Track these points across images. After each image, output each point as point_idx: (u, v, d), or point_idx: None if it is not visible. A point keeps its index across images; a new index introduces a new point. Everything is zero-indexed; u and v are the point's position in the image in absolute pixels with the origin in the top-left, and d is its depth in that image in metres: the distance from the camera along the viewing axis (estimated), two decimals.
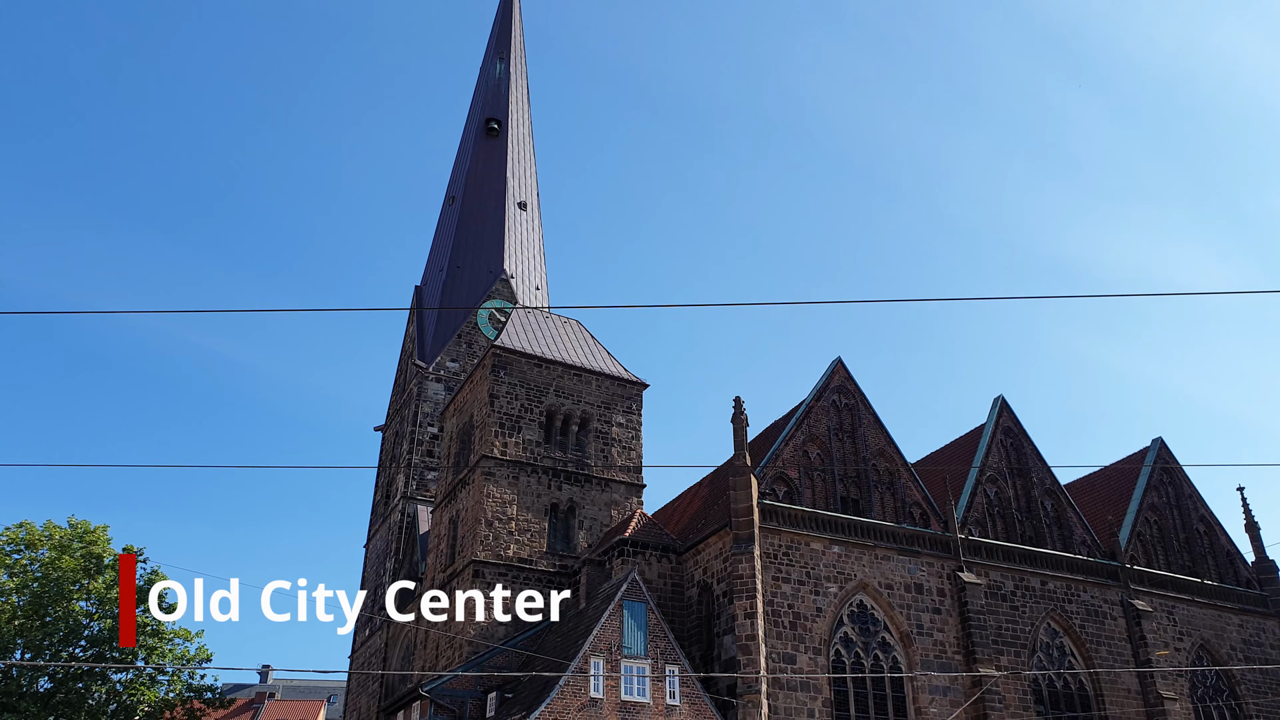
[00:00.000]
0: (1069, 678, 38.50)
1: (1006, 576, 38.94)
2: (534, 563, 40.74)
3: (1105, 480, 48.88)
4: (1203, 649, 42.28)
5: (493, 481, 41.31)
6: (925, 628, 36.11)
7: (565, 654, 31.24)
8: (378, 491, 61.79)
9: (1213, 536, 46.54)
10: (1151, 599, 41.64)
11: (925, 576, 37.14)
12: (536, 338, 47.14)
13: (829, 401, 39.96)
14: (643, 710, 30.06)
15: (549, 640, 36.23)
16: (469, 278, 62.39)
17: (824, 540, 35.84)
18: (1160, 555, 44.37)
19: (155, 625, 40.36)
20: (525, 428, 43.20)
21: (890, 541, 37.17)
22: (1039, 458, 43.47)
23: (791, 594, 34.26)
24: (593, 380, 46.02)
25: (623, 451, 45.16)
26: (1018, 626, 38.01)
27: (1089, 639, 39.22)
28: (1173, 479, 47.25)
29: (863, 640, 35.32)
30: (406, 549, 52.64)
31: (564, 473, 43.20)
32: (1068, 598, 39.84)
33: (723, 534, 35.20)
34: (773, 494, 36.29)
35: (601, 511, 43.33)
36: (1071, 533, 42.08)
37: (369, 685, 51.74)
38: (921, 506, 39.01)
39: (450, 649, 39.78)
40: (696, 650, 35.00)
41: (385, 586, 53.64)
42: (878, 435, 39.94)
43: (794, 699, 32.42)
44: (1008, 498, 41.87)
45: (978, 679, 35.06)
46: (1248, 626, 44.00)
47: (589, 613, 33.45)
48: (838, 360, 40.94)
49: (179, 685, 41.29)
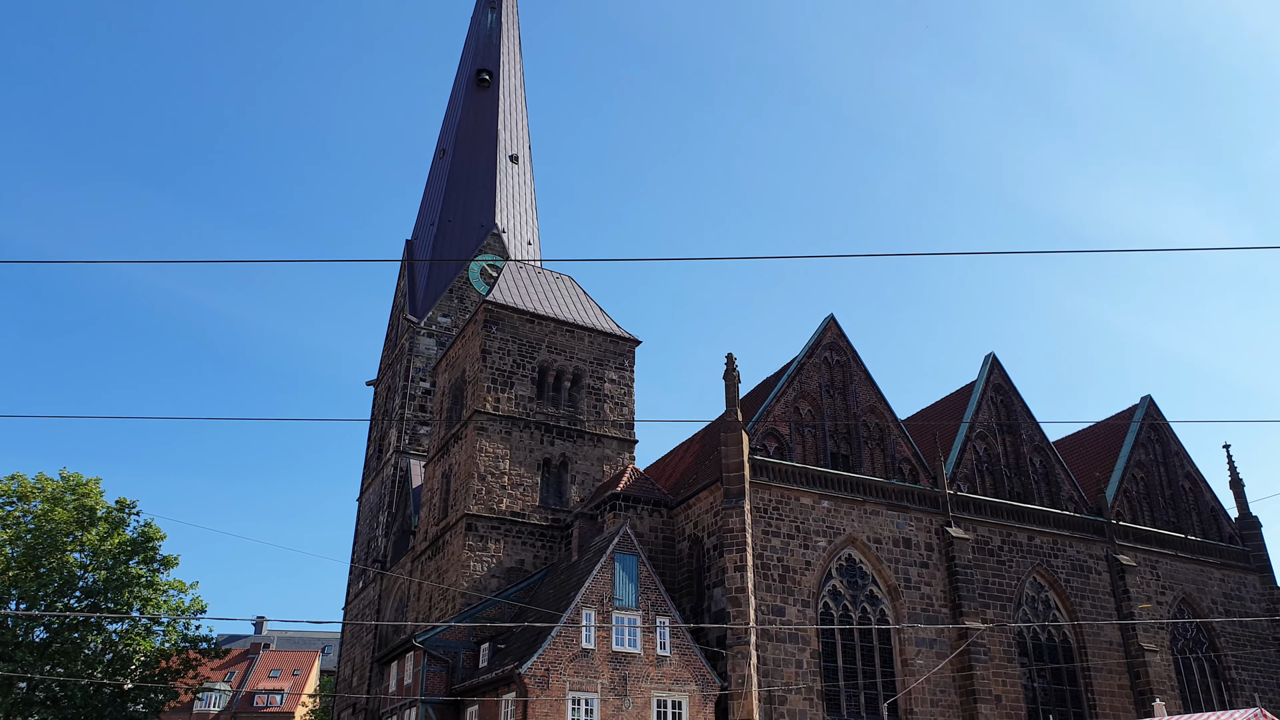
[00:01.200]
0: (1053, 630, 39.17)
1: (994, 532, 39.43)
2: (526, 516, 41.04)
3: (1093, 437, 49.32)
4: (1184, 603, 43.02)
5: (485, 436, 41.43)
6: (913, 581, 36.61)
7: (557, 605, 31.61)
8: (370, 446, 61.96)
9: (1198, 493, 47.11)
10: (1136, 554, 42.24)
11: (913, 531, 37.57)
12: (529, 293, 46.99)
13: (821, 358, 40.06)
14: (633, 660, 30.51)
15: (541, 592, 36.64)
16: (460, 232, 61.97)
17: (814, 495, 36.17)
18: (1146, 511, 44.93)
19: (150, 577, 40.70)
20: (518, 383, 43.24)
21: (879, 497, 37.54)
22: (1028, 414, 43.78)
23: (781, 548, 34.65)
24: (585, 336, 45.98)
25: (615, 407, 45.28)
26: (1004, 581, 38.56)
27: (1073, 593, 39.84)
28: (1160, 436, 47.70)
29: (851, 593, 35.81)
30: (399, 503, 52.94)
31: (556, 428, 43.34)
32: (1054, 553, 40.39)
33: (714, 489, 35.50)
34: (764, 450, 36.54)
35: (594, 467, 43.57)
36: (1059, 489, 42.54)
37: (363, 636, 52.33)
38: (911, 462, 39.33)
39: (443, 601, 40.21)
40: (687, 602, 35.46)
41: (378, 539, 54.05)
42: (868, 392, 40.13)
43: (782, 650, 32.94)
44: (996, 454, 42.24)
45: (963, 631, 35.65)
46: (1229, 581, 44.73)
47: (581, 565, 33.80)
48: (830, 317, 40.98)
49: (174, 635, 41.75)
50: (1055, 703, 37.22)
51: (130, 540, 40.94)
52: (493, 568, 39.45)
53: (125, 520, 41.47)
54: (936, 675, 35.01)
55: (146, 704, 40.81)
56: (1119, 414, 49.13)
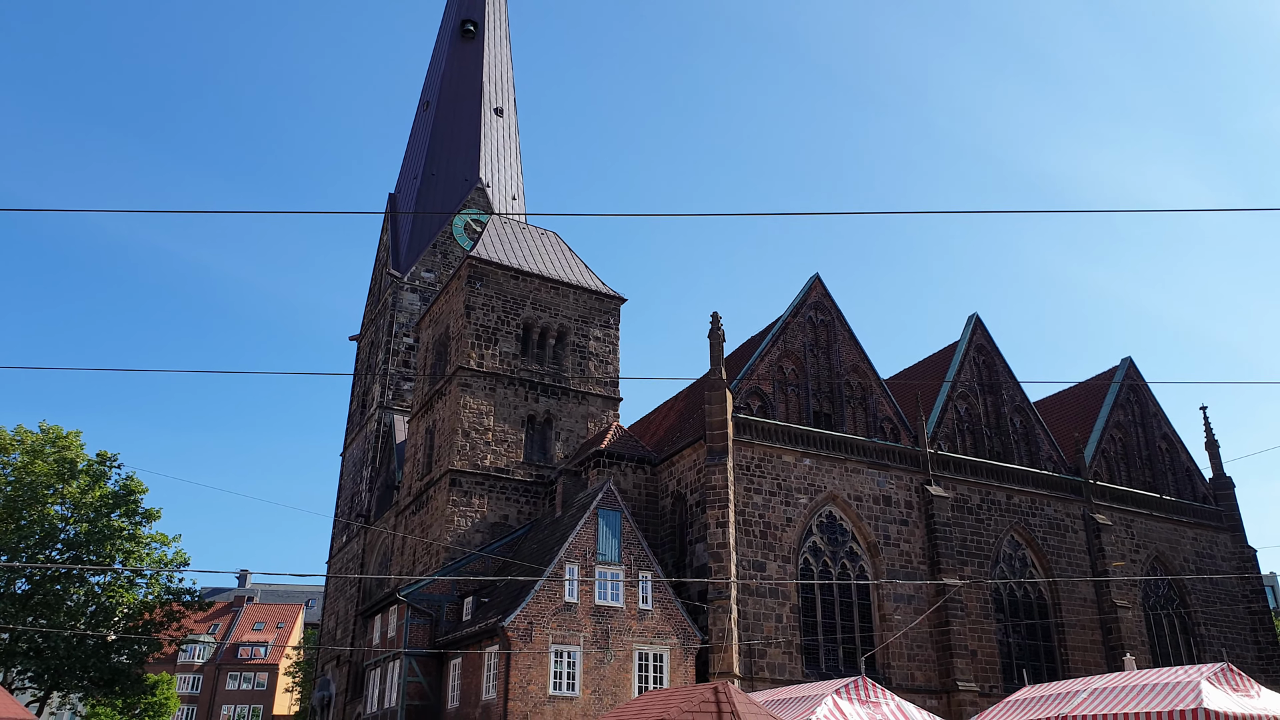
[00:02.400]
0: (1029, 587, 39.83)
1: (973, 490, 39.89)
2: (511, 473, 41.14)
3: (1074, 398, 49.78)
4: (1157, 561, 43.80)
5: (469, 393, 41.36)
6: (892, 538, 37.06)
7: (541, 560, 31.82)
8: (354, 401, 61.79)
9: (1174, 453, 47.75)
10: (1112, 513, 42.90)
11: (894, 489, 37.96)
12: (513, 249, 46.65)
13: (805, 317, 40.11)
14: (616, 614, 30.83)
15: (525, 547, 36.87)
16: (444, 186, 61.28)
17: (796, 453, 36.43)
18: (1123, 471, 45.53)
19: (132, 530, 40.66)
20: (502, 340, 43.08)
21: (861, 455, 37.85)
22: (1010, 375, 44.09)
23: (763, 504, 34.95)
24: (570, 293, 45.77)
25: (600, 365, 45.25)
26: (982, 539, 39.10)
27: (1050, 551, 40.46)
28: (1139, 397, 48.19)
29: (831, 550, 36.23)
30: (383, 458, 52.95)
31: (541, 385, 43.30)
32: (1032, 511, 40.94)
33: (697, 446, 35.69)
34: (747, 408, 36.69)
35: (578, 424, 43.63)
36: (1038, 449, 42.99)
37: (346, 590, 52.62)
38: (893, 421, 39.61)
39: (427, 555, 40.41)
40: (669, 558, 35.80)
41: (362, 494, 54.13)
42: (852, 351, 40.27)
43: (763, 605, 33.38)
44: (978, 414, 42.59)
45: (941, 587, 36.20)
46: (1201, 540, 45.53)
47: (565, 521, 34.00)
48: (815, 277, 40.98)
49: (157, 588, 41.83)
50: (1029, 657, 37.95)
51: (112, 493, 40.82)
52: (477, 523, 39.61)
53: (106, 473, 41.32)
54: (914, 630, 35.60)
55: (130, 655, 41.01)
56: (1099, 375, 49.56)
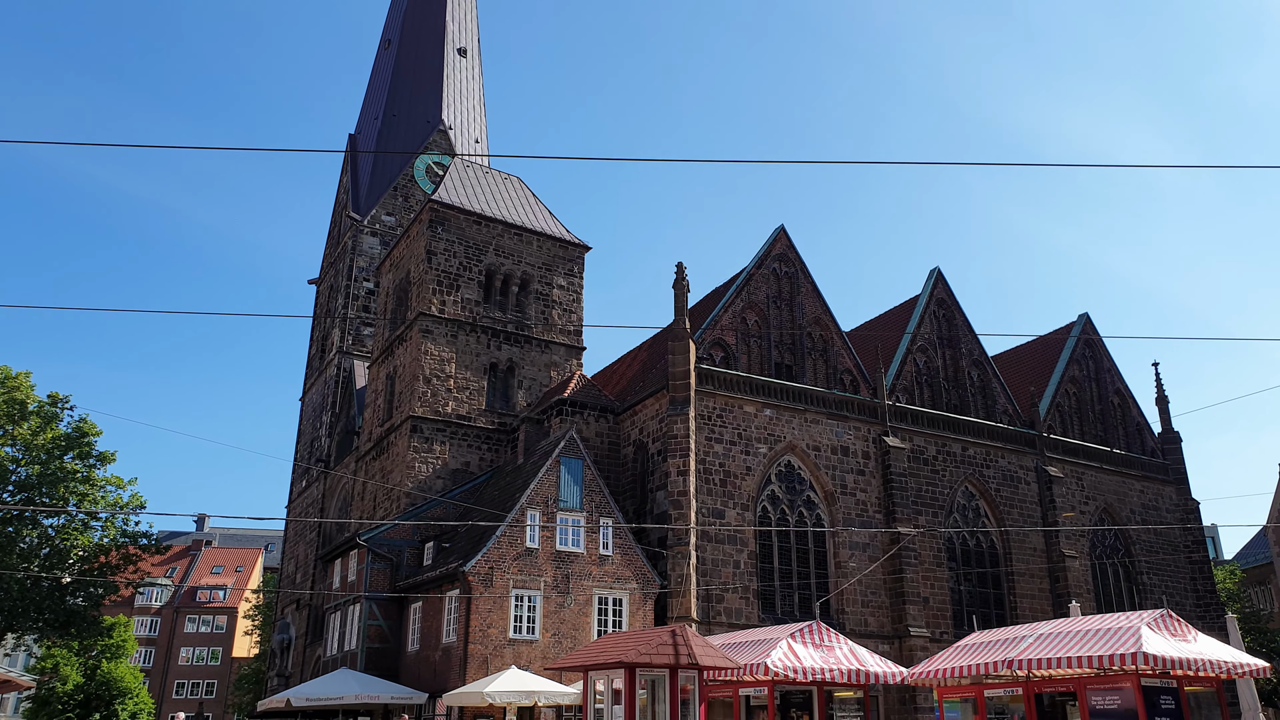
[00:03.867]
0: (981, 536, 40.79)
1: (929, 442, 40.56)
2: (472, 420, 41.05)
3: (1031, 353, 50.59)
4: (1105, 512, 45.03)
5: (431, 339, 41.03)
6: (849, 488, 37.67)
7: (502, 506, 31.94)
8: (313, 345, 61.06)
9: (1125, 408, 48.87)
10: (1064, 466, 43.91)
11: (852, 440, 38.49)
12: (476, 193, 46.00)
13: (770, 269, 40.16)
14: (576, 559, 31.13)
15: (486, 493, 36.96)
16: (405, 127, 60.08)
17: (757, 404, 36.73)
18: (1076, 425, 46.54)
19: (85, 472, 40.09)
20: (464, 286, 42.67)
21: (820, 406, 38.26)
22: (969, 329, 44.63)
23: (723, 454, 35.29)
24: (534, 240, 45.34)
25: (563, 314, 45.04)
26: (936, 489, 39.88)
27: (1003, 502, 41.40)
28: (1094, 353, 49.11)
29: (789, 498, 36.76)
30: (343, 404, 52.54)
31: (503, 333, 43.06)
32: (986, 463, 41.77)
33: (659, 396, 35.85)
34: (710, 359, 36.83)
35: (541, 372, 43.54)
36: (995, 402, 43.74)
37: (306, 534, 52.52)
38: (853, 373, 40.02)
39: (388, 501, 40.36)
40: (630, 505, 36.12)
41: (322, 440, 53.78)
42: (815, 304, 40.47)
43: (721, 551, 33.88)
44: (936, 367, 43.15)
45: (895, 536, 36.95)
46: (1148, 492, 46.85)
47: (527, 468, 34.08)
48: (780, 228, 40.96)
49: (113, 531, 41.41)
50: (980, 604, 38.98)
51: (64, 435, 40.14)
52: (438, 469, 39.58)
53: (58, 415, 40.56)
54: (868, 577, 36.38)
55: (86, 598, 40.70)
56: (1057, 330, 50.37)
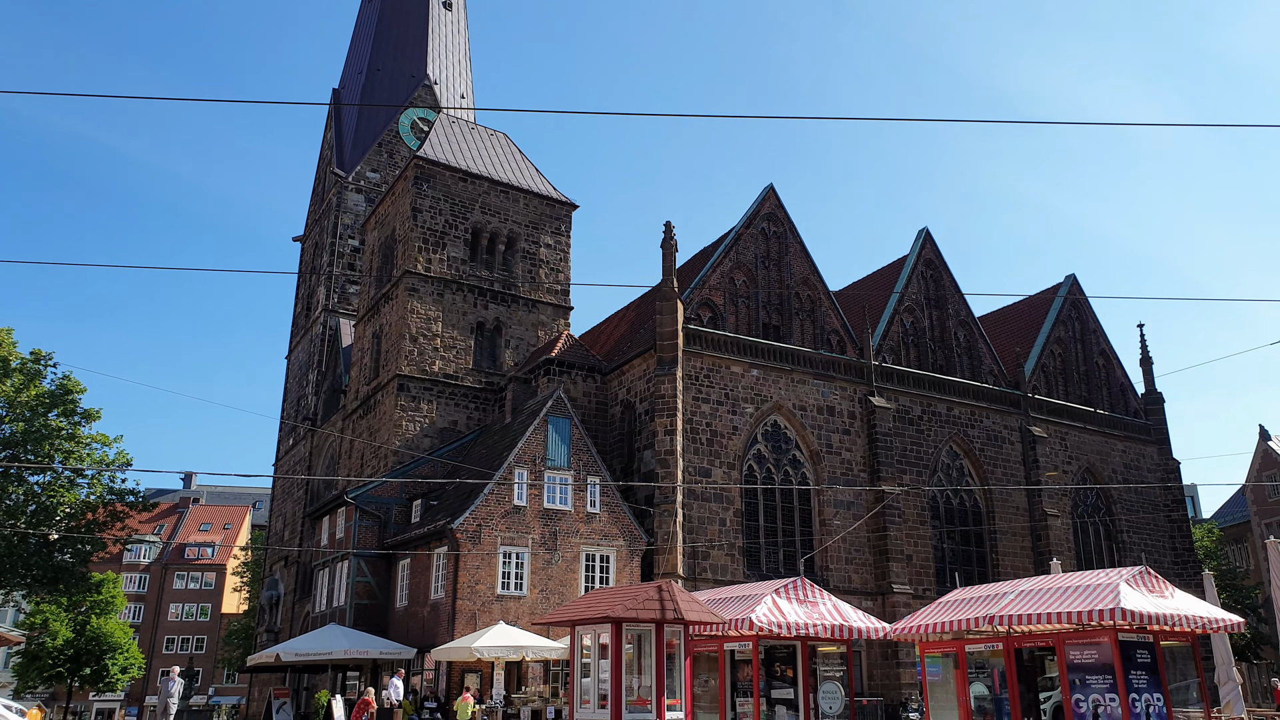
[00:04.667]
0: (964, 495, 41.23)
1: (915, 402, 40.80)
2: (459, 379, 40.99)
3: (1017, 313, 50.78)
4: (1087, 472, 45.53)
5: (417, 298, 40.81)
6: (834, 447, 37.92)
7: (490, 465, 32.02)
8: (298, 303, 60.65)
9: (1110, 369, 49.24)
10: (1047, 426, 44.29)
11: (838, 400, 38.67)
12: (461, 150, 45.50)
13: (758, 229, 40.02)
14: (564, 517, 31.33)
15: (474, 452, 37.03)
16: (389, 82, 59.16)
17: (744, 364, 36.80)
18: (1060, 385, 46.89)
19: (71, 430, 39.93)
20: (450, 244, 42.36)
21: (807, 366, 38.37)
22: (956, 290, 44.71)
23: (710, 413, 35.42)
24: (520, 198, 44.97)
25: (550, 273, 44.83)
26: (921, 449, 40.20)
27: (987, 461, 41.79)
28: (1080, 314, 49.34)
29: (774, 457, 37.00)
30: (329, 362, 52.36)
31: (490, 292, 42.85)
32: (971, 423, 42.08)
33: (647, 356, 35.86)
34: (698, 319, 36.83)
35: (528, 332, 43.43)
36: (980, 362, 43.97)
37: (294, 492, 52.59)
38: (840, 334, 40.11)
39: (375, 459, 40.40)
40: (617, 464, 36.29)
41: (308, 398, 53.66)
42: (803, 263, 40.41)
43: (707, 509, 34.15)
44: (923, 327, 43.28)
45: (879, 494, 37.30)
46: (1130, 452, 47.37)
47: (514, 427, 34.14)
48: (769, 187, 40.74)
49: (99, 488, 41.33)
50: (962, 562, 39.50)
51: (48, 393, 39.88)
52: (425, 428, 39.59)
53: (42, 372, 40.26)
54: (852, 535, 36.77)
55: (74, 554, 40.74)
56: (1044, 291, 50.53)
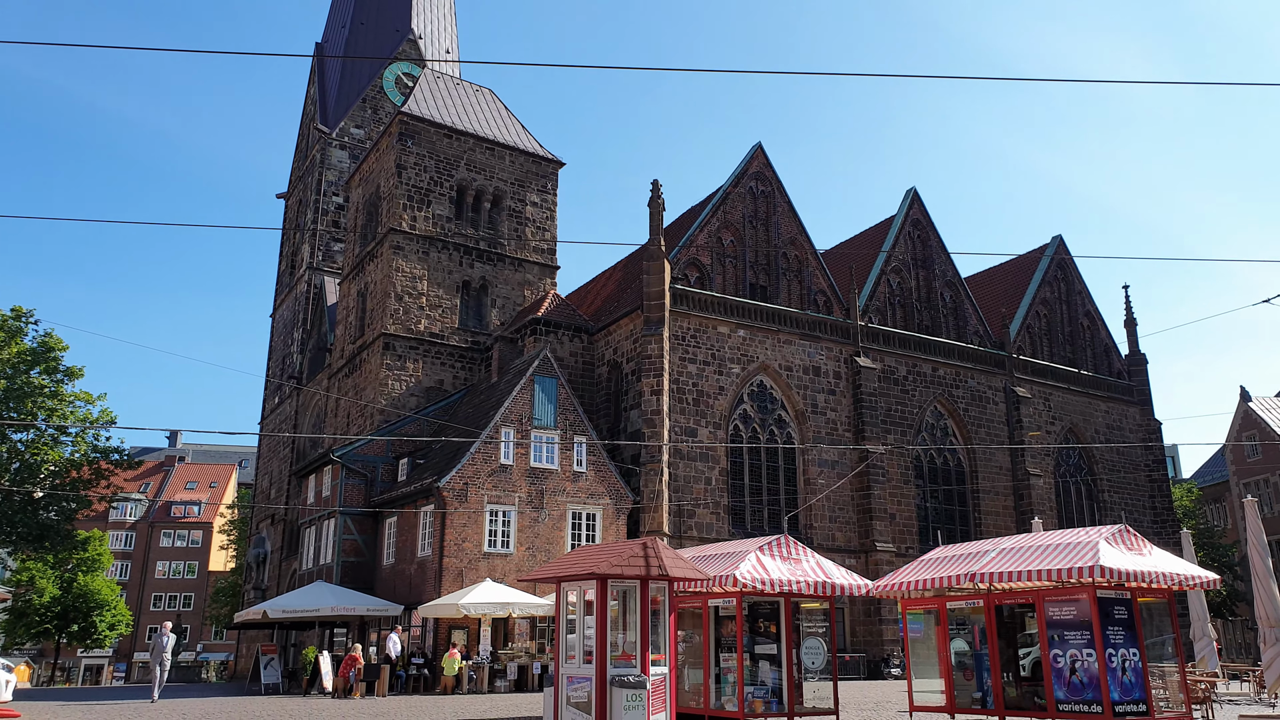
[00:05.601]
0: (948, 455, 41.57)
1: (900, 362, 40.96)
2: (445, 338, 40.86)
3: (1004, 274, 50.88)
4: (1070, 432, 45.96)
5: (402, 256, 40.51)
6: (819, 407, 38.10)
7: (477, 424, 32.05)
8: (282, 261, 60.13)
9: (1094, 330, 49.51)
10: (1032, 386, 44.60)
11: (824, 360, 38.78)
12: (446, 106, 44.92)
13: (746, 188, 39.80)
14: (551, 476, 31.45)
15: (461, 411, 37.04)
16: (373, 36, 58.16)
17: (731, 324, 36.80)
18: (1045, 346, 47.16)
19: (54, 387, 39.68)
20: (435, 202, 41.98)
21: (793, 327, 38.41)
22: (943, 250, 44.71)
23: (696, 374, 35.48)
24: (506, 155, 44.53)
25: (536, 231, 44.53)
26: (906, 409, 40.45)
27: (971, 421, 42.09)
28: (1066, 275, 49.48)
29: (760, 417, 37.16)
30: (314, 320, 52.07)
31: (476, 250, 42.57)
32: (955, 383, 42.32)
33: (634, 316, 35.80)
34: (685, 279, 36.73)
35: (514, 291, 43.24)
36: (966, 323, 44.12)
37: (280, 450, 52.56)
38: (826, 294, 40.11)
39: (361, 418, 40.35)
40: (604, 424, 36.37)
41: (293, 356, 53.43)
42: (790, 223, 40.27)
43: (693, 468, 34.34)
44: (910, 288, 43.33)
45: (863, 453, 37.57)
46: (1113, 413, 47.81)
47: (501, 386, 34.11)
48: (757, 146, 40.45)
49: (84, 446, 41.19)
50: (945, 521, 39.95)
51: (30, 350, 39.57)
52: (411, 387, 39.53)
53: (23, 329, 39.91)
54: (836, 494, 37.08)
55: (59, 512, 40.70)
56: (1030, 251, 50.62)
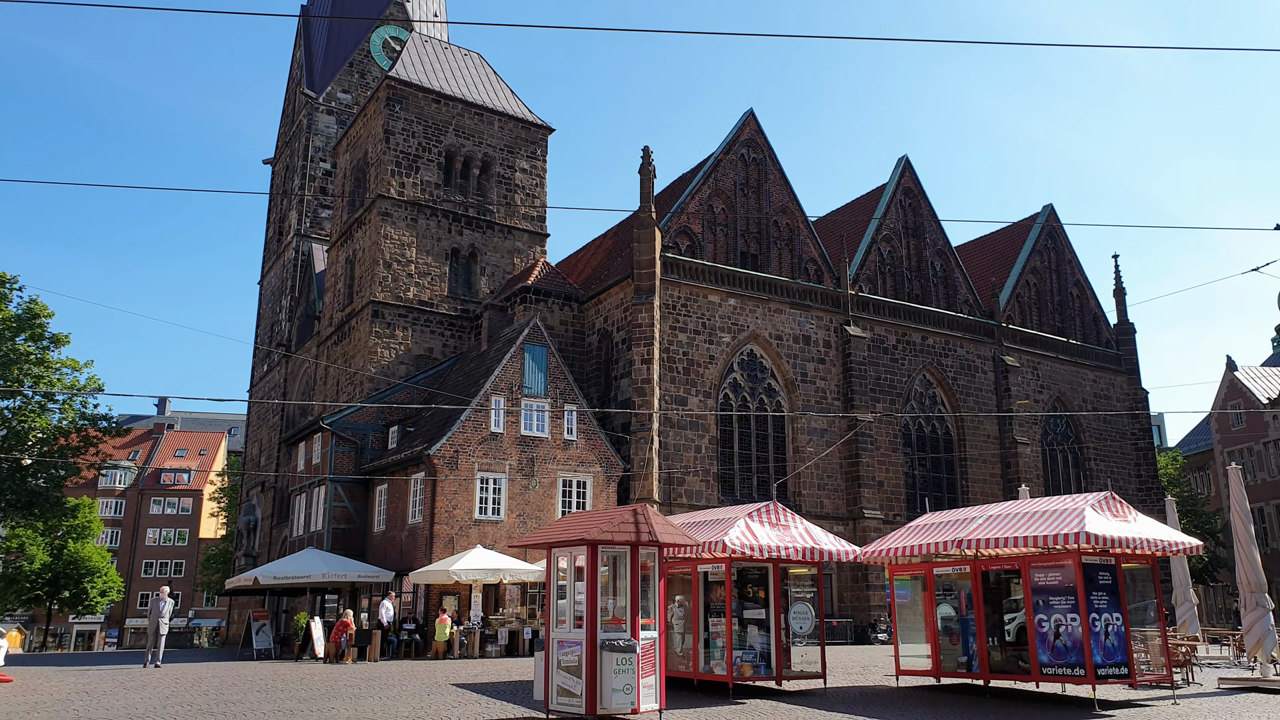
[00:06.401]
0: (936, 423, 41.78)
1: (890, 331, 41.03)
2: (435, 306, 40.69)
3: (994, 243, 50.88)
4: (1058, 401, 46.22)
5: (390, 223, 40.22)
6: (809, 376, 38.18)
7: (467, 392, 32.02)
8: (270, 228, 59.65)
9: (1084, 299, 49.65)
10: (1020, 355, 44.77)
11: (814, 329, 38.81)
12: (435, 71, 44.39)
13: (738, 155, 39.55)
14: (541, 444, 31.48)
15: (451, 379, 36.98)
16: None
17: (721, 293, 36.74)
18: (1034, 315, 47.29)
19: (39, 354, 39.42)
20: (423, 168, 41.61)
21: (784, 296, 38.38)
22: (934, 219, 44.63)
23: (687, 342, 35.46)
24: (495, 121, 44.10)
25: (526, 198, 44.23)
26: (895, 377, 40.57)
27: (959, 390, 42.27)
28: (1056, 244, 49.51)
29: (750, 385, 37.23)
30: (303, 287, 51.77)
31: (465, 217, 42.29)
32: (944, 352, 42.43)
33: (624, 285, 35.70)
34: (676, 247, 36.60)
35: (504, 259, 43.02)
36: (956, 292, 44.15)
37: (269, 418, 52.47)
38: (817, 263, 40.04)
39: (351, 386, 40.26)
40: (594, 392, 36.39)
41: (282, 324, 53.17)
42: (782, 191, 40.09)
43: (683, 436, 34.43)
44: (900, 257, 43.29)
45: (852, 421, 37.73)
46: (1100, 381, 48.08)
47: (491, 355, 34.05)
48: (749, 112, 40.15)
49: (71, 413, 41.00)
50: (933, 489, 40.23)
51: (14, 317, 39.23)
52: (400, 355, 39.42)
53: (7, 296, 39.53)
54: (825, 461, 37.27)
55: (47, 479, 40.59)
56: (1021, 220, 50.61)
